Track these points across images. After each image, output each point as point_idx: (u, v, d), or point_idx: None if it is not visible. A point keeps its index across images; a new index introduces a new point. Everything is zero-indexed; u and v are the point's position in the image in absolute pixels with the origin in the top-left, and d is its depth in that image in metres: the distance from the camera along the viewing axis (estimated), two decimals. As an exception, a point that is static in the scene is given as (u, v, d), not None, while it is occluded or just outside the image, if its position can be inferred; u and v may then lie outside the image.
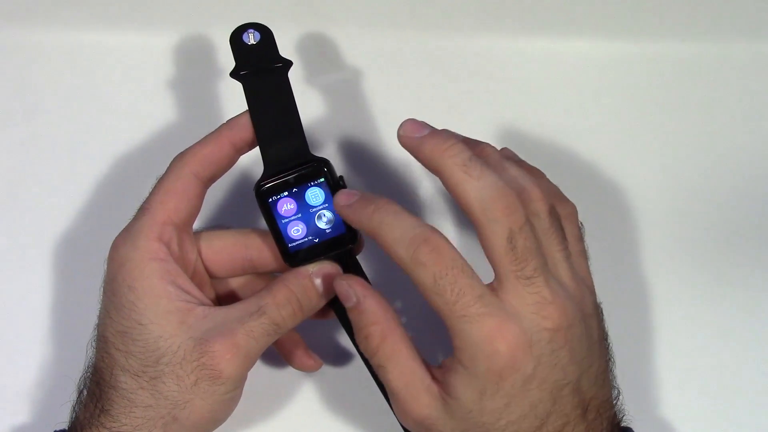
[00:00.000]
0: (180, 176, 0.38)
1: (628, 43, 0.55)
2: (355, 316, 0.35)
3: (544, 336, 0.32)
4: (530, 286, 0.33)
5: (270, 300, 0.37)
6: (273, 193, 0.38)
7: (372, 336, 0.34)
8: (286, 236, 0.38)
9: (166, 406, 0.35)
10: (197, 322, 0.36)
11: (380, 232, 0.34)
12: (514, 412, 0.32)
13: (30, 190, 0.50)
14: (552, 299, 0.33)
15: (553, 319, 0.32)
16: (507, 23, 0.56)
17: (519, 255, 0.33)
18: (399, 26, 0.55)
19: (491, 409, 0.32)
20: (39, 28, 0.54)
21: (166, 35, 0.54)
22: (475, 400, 0.32)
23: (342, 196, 0.36)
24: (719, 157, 0.52)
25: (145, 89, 0.53)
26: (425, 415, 0.34)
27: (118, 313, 0.36)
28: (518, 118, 0.53)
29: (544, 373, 0.32)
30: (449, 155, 0.34)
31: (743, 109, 0.54)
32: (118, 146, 0.51)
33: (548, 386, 0.33)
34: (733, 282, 0.48)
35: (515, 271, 0.33)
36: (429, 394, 0.34)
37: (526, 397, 0.32)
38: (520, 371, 0.32)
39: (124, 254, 0.37)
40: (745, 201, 0.51)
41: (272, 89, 0.39)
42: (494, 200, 0.33)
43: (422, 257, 0.32)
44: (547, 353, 0.32)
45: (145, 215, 0.37)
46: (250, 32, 0.40)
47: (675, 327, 0.47)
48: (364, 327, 0.35)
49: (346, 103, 0.53)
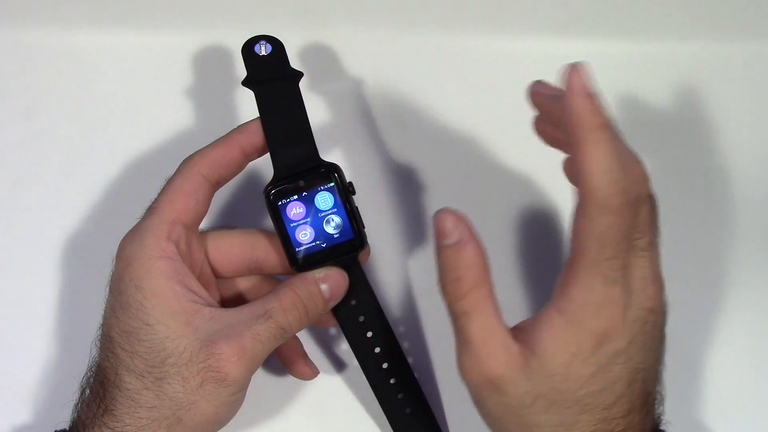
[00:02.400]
0: (189, 177, 0.38)
1: (628, 43, 0.55)
2: (451, 254, 0.32)
3: (641, 315, 0.32)
4: (642, 259, 0.32)
5: (277, 304, 0.37)
6: (282, 197, 0.38)
7: (464, 279, 0.32)
8: (293, 240, 0.38)
9: (171, 407, 0.35)
10: (204, 323, 0.36)
11: (600, 150, 0.31)
12: (597, 384, 0.32)
13: (30, 190, 0.50)
14: (654, 279, 0.33)
15: (654, 299, 0.32)
16: (507, 23, 0.56)
17: (640, 224, 0.32)
18: (399, 26, 0.55)
19: (578, 375, 0.31)
20: (39, 28, 0.54)
21: (166, 35, 0.54)
22: (565, 362, 0.31)
23: (542, 86, 0.35)
24: (719, 157, 0.52)
25: (145, 89, 0.53)
26: (500, 374, 0.32)
27: (125, 312, 0.36)
28: (518, 118, 0.53)
29: (631, 351, 0.32)
30: (595, 123, 0.31)
31: (743, 109, 0.54)
32: (118, 146, 0.51)
33: (629, 367, 0.32)
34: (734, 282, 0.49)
35: (634, 240, 0.32)
36: (508, 352, 0.32)
37: (611, 371, 0.32)
38: (616, 342, 0.31)
39: (131, 253, 0.37)
40: (746, 201, 0.51)
41: (283, 96, 0.39)
42: (631, 166, 0.32)
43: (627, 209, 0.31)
44: (640, 333, 0.32)
45: (154, 215, 0.37)
46: (261, 43, 0.40)
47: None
48: (458, 268, 0.32)
49: (346, 106, 0.53)
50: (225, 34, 0.54)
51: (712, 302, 0.48)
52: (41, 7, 0.54)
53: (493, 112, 0.53)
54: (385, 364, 0.40)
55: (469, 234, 0.33)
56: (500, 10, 0.55)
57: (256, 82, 0.39)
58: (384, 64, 0.54)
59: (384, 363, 0.40)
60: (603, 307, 0.31)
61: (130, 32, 0.54)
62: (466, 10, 0.55)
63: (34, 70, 0.53)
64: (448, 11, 0.56)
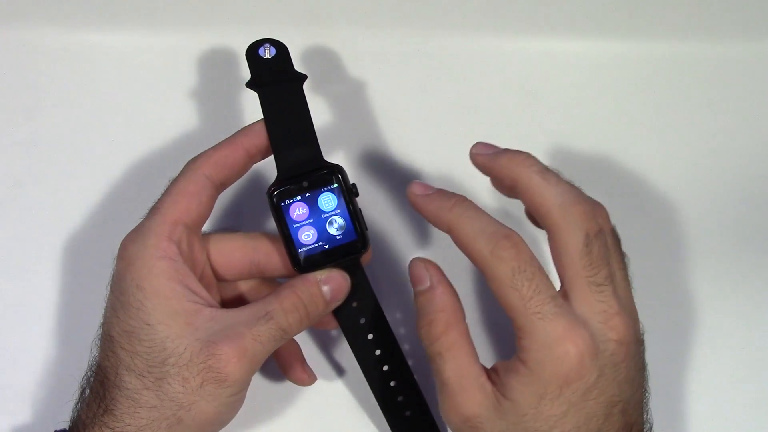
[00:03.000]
0: (193, 178, 0.38)
1: (628, 43, 0.55)
2: (425, 300, 0.35)
3: (609, 347, 0.32)
4: (600, 294, 0.33)
5: (277, 305, 0.37)
6: (286, 197, 0.38)
7: (437, 322, 0.34)
8: (296, 241, 0.38)
9: (171, 407, 0.35)
10: (204, 323, 0.36)
11: (459, 224, 0.34)
12: (569, 422, 0.32)
13: (30, 190, 0.50)
14: (618, 311, 0.33)
15: (618, 330, 0.33)
16: (507, 23, 0.56)
17: (593, 260, 0.33)
18: (399, 26, 0.55)
19: (548, 415, 0.32)
20: (39, 28, 0.54)
21: (166, 35, 0.54)
22: (533, 403, 0.32)
23: (417, 186, 0.37)
24: (719, 158, 0.52)
25: (145, 89, 0.53)
26: (475, 413, 0.33)
27: (126, 312, 0.36)
28: (518, 118, 0.53)
29: (603, 386, 0.32)
30: (527, 164, 0.35)
31: (743, 109, 0.54)
32: (118, 146, 0.51)
33: (604, 400, 0.32)
34: (734, 283, 0.49)
35: (588, 277, 0.33)
36: (482, 392, 0.33)
37: (584, 407, 0.32)
38: (584, 379, 0.32)
39: (133, 252, 0.36)
40: (746, 202, 0.51)
41: (287, 99, 0.39)
42: (573, 204, 0.33)
43: (503, 251, 0.33)
44: (609, 365, 0.32)
45: (156, 215, 0.37)
46: (266, 47, 0.40)
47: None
48: (431, 312, 0.34)
49: (347, 108, 0.53)
50: (225, 35, 0.54)
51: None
52: (41, 7, 0.54)
53: (494, 112, 0.53)
54: (386, 367, 0.40)
55: (440, 279, 0.35)
56: (500, 10, 0.55)
57: (261, 84, 0.39)
58: (384, 65, 0.54)
59: (384, 365, 0.40)
60: (562, 346, 0.32)
61: (130, 32, 0.54)
62: (466, 10, 0.55)
63: (34, 70, 0.53)
64: (448, 11, 0.56)
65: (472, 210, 0.35)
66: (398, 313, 0.47)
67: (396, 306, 0.46)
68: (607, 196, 0.50)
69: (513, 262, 0.32)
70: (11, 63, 0.53)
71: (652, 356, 0.36)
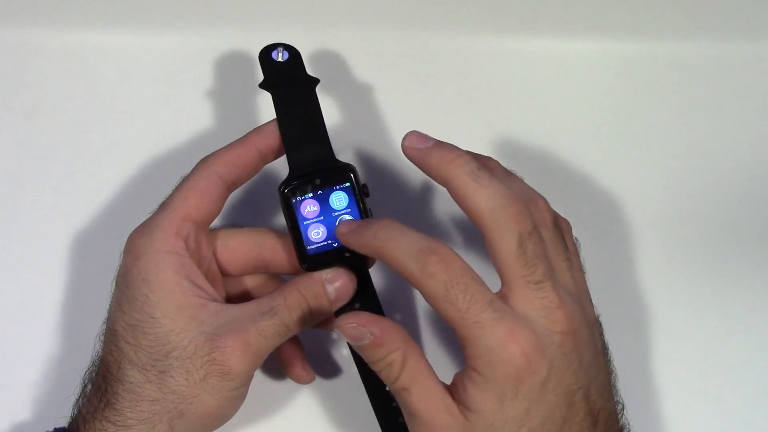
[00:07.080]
0: (204, 176, 0.38)
1: (628, 43, 0.56)
2: (373, 350, 0.34)
3: (554, 339, 0.32)
4: (539, 291, 0.33)
5: (282, 301, 0.37)
6: (297, 194, 0.38)
7: (394, 362, 0.33)
8: (305, 238, 0.38)
9: (173, 401, 0.35)
10: (209, 317, 0.36)
11: (386, 249, 0.34)
12: (535, 418, 0.32)
13: (30, 190, 0.50)
14: (560, 304, 0.33)
15: (561, 323, 0.33)
16: (507, 23, 0.56)
17: (529, 260, 0.33)
18: (400, 27, 0.56)
19: (513, 416, 0.32)
20: (39, 28, 0.54)
21: (166, 35, 0.54)
22: (496, 408, 0.32)
23: (343, 226, 0.36)
24: (719, 158, 0.52)
25: (145, 89, 0.53)
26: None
27: (131, 305, 0.36)
28: (518, 118, 0.53)
29: (557, 376, 0.32)
30: (457, 164, 0.34)
31: (743, 109, 0.54)
32: (118, 146, 0.51)
33: (562, 390, 0.32)
34: (734, 284, 0.49)
35: (525, 276, 0.33)
36: (449, 413, 0.33)
37: (544, 401, 0.32)
38: (536, 374, 0.32)
39: (140, 246, 0.37)
40: (746, 202, 0.51)
41: (300, 100, 0.40)
42: (504, 207, 0.33)
43: (431, 268, 0.32)
44: (558, 356, 0.32)
45: (165, 210, 0.38)
46: (279, 50, 0.40)
47: (673, 337, 0.47)
48: (384, 357, 0.34)
49: (347, 108, 0.53)
50: (226, 35, 0.54)
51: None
52: (41, 7, 0.54)
53: (493, 112, 0.53)
54: None
55: (376, 323, 0.33)
56: (500, 10, 0.56)
57: (275, 85, 0.40)
58: (384, 65, 0.54)
59: None
60: (506, 348, 0.32)
61: (130, 32, 0.54)
62: (466, 10, 0.56)
63: (34, 70, 0.53)
64: (449, 12, 0.56)
65: (395, 232, 0.34)
66: (398, 316, 0.47)
67: (396, 308, 0.46)
68: (608, 195, 0.51)
69: (443, 276, 0.32)
70: (11, 63, 0.53)
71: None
